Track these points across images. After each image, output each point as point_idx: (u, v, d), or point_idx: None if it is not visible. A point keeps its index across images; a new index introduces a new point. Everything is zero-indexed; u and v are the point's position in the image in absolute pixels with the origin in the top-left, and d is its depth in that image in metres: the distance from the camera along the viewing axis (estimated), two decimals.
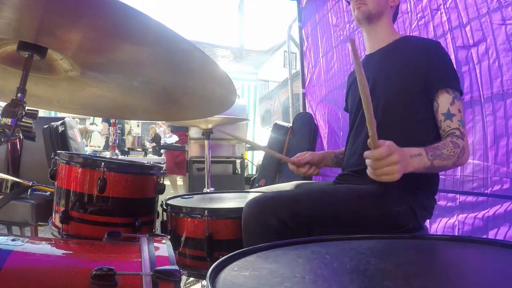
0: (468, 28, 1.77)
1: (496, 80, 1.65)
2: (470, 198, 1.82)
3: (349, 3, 1.37)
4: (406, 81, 1.21)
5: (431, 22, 1.99)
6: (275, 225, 0.99)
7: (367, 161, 0.92)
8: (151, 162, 2.16)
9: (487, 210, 1.72)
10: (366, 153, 0.92)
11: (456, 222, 1.88)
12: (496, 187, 1.68)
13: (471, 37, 1.76)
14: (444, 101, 1.15)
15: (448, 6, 1.88)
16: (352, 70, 1.51)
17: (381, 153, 0.88)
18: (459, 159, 1.09)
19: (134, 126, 6.72)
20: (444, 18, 1.90)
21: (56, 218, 1.20)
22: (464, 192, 1.85)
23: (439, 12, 1.94)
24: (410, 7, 2.15)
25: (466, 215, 1.82)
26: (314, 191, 1.16)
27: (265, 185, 3.58)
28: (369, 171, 0.93)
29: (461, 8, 1.79)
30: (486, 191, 1.73)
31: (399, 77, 1.22)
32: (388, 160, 0.89)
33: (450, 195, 1.91)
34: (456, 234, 1.83)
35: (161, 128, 8.92)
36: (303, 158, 1.44)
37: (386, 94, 1.24)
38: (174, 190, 5.64)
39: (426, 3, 2.02)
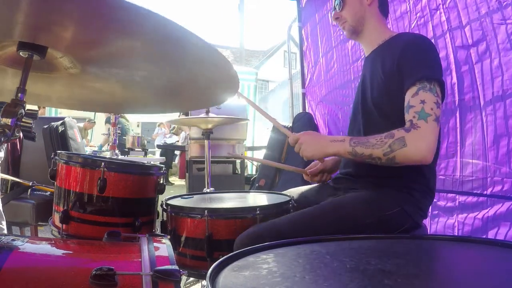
0: (467, 28, 1.76)
1: (496, 79, 1.65)
2: (470, 199, 1.82)
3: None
4: (388, 78, 1.20)
5: (430, 22, 1.99)
6: None
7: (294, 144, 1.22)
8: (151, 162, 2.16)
9: (487, 210, 1.72)
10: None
11: (456, 223, 1.88)
12: (496, 188, 1.68)
13: (470, 36, 1.75)
14: (407, 96, 1.11)
15: (447, 6, 1.88)
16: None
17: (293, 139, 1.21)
18: (392, 150, 1.04)
19: (134, 126, 6.70)
20: (443, 18, 1.90)
21: (56, 218, 1.20)
22: (464, 193, 1.85)
23: (438, 12, 1.94)
24: (409, 7, 2.15)
25: (466, 215, 1.82)
26: (297, 219, 1.13)
27: (265, 185, 3.59)
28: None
29: (461, 7, 1.79)
30: (486, 192, 1.73)
31: (383, 75, 1.22)
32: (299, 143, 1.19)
33: (450, 195, 1.91)
34: (456, 234, 1.83)
35: (163, 129, 8.95)
36: (317, 168, 1.45)
37: (374, 92, 1.26)
38: None
39: (425, 3, 2.02)
